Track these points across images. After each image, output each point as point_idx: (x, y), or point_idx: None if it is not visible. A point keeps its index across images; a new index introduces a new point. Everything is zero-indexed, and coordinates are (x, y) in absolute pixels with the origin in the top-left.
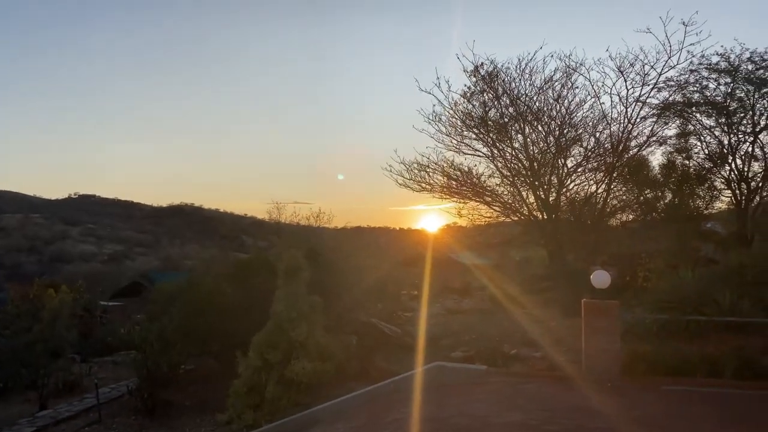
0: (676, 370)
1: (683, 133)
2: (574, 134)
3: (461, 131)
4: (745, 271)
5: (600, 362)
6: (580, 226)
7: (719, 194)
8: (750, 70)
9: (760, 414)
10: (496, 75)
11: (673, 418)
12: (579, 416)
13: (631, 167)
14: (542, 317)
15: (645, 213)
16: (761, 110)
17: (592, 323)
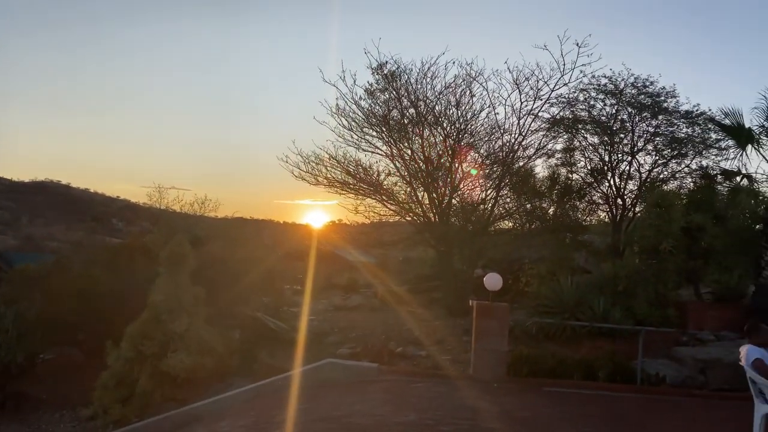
0: (555, 372)
1: (569, 148)
2: (470, 141)
3: (362, 128)
4: (617, 281)
5: (487, 363)
6: (468, 230)
7: (597, 208)
8: (633, 94)
9: (631, 414)
10: (398, 75)
11: (556, 419)
12: (471, 416)
13: (520, 177)
14: (427, 316)
15: (528, 221)
16: (640, 133)
17: (482, 324)
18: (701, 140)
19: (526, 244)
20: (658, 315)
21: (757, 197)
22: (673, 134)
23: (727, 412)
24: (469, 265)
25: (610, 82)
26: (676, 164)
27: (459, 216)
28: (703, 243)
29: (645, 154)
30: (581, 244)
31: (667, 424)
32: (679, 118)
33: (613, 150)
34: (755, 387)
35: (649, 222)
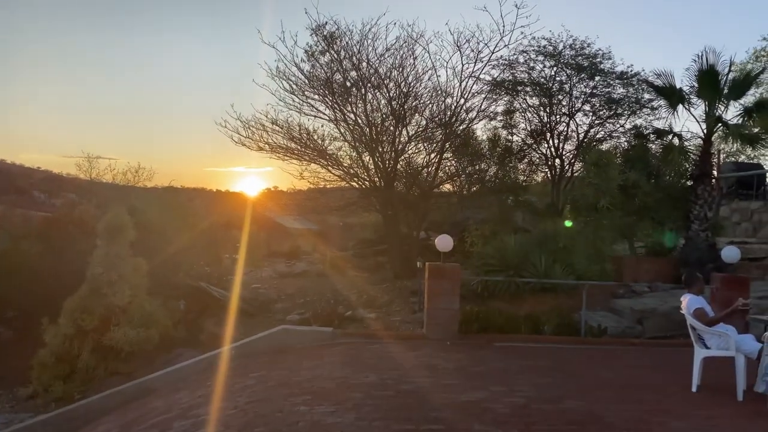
0: (504, 328)
1: (509, 110)
2: (414, 104)
3: (304, 91)
4: (557, 238)
5: (440, 322)
6: (414, 193)
7: (537, 169)
8: (571, 55)
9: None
10: (339, 37)
11: (510, 372)
12: (430, 373)
13: (462, 140)
14: (374, 280)
15: (471, 183)
16: (577, 94)
17: (434, 285)
18: (635, 100)
19: (469, 205)
20: (597, 270)
21: (686, 155)
22: (609, 95)
23: (663, 357)
24: (414, 228)
25: (549, 44)
26: (611, 124)
27: (404, 180)
28: (637, 200)
29: (582, 114)
30: (522, 204)
31: (610, 371)
32: (615, 79)
33: (552, 111)
34: (695, 333)
35: (588, 181)
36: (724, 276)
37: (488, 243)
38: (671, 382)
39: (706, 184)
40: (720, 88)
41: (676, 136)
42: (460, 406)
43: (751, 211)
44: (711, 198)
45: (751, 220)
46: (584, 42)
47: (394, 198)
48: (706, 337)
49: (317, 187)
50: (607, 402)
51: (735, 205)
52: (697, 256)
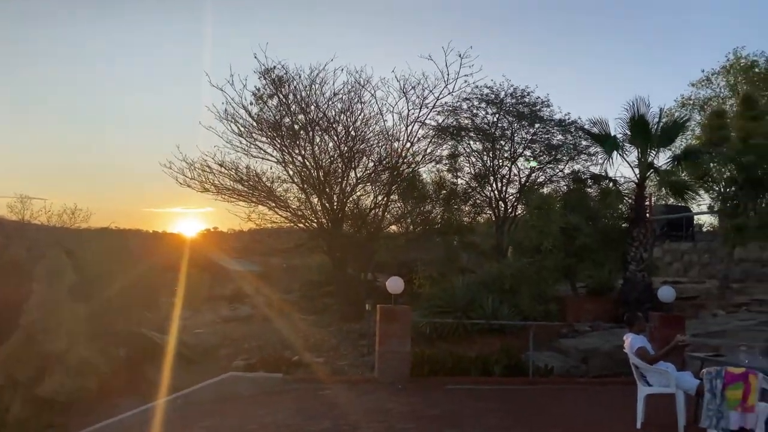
0: (454, 370)
1: (454, 154)
2: (362, 147)
3: (252, 133)
4: (503, 279)
5: (391, 365)
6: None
7: (481, 211)
8: (512, 103)
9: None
10: (287, 81)
11: (464, 415)
12: (385, 418)
13: (408, 182)
14: (321, 323)
15: (417, 225)
16: (519, 140)
17: (385, 327)
18: (573, 147)
19: (416, 247)
20: (542, 310)
21: (622, 199)
22: (549, 141)
23: (608, 395)
24: (361, 270)
25: (492, 92)
26: (551, 169)
27: (351, 221)
28: (578, 242)
29: (524, 159)
30: (467, 245)
31: (559, 411)
32: (554, 126)
33: (495, 156)
34: (638, 371)
35: (531, 223)
36: (661, 315)
37: (436, 284)
38: (617, 420)
39: (641, 227)
40: (651, 136)
41: (612, 181)
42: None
43: (681, 251)
44: (646, 240)
45: (681, 260)
46: (524, 91)
47: (342, 239)
48: (648, 374)
49: (263, 228)
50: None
51: (667, 246)
52: (635, 295)
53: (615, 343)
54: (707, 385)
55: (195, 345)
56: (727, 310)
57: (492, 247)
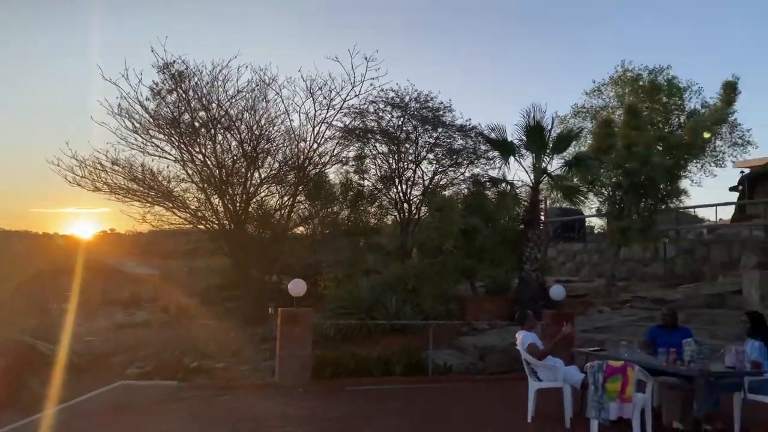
0: (356, 371)
1: (361, 156)
2: (266, 147)
3: (148, 130)
4: (407, 279)
5: (292, 369)
6: (265, 236)
7: (387, 212)
8: (416, 108)
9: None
10: (187, 76)
11: (361, 416)
12: (283, 423)
13: (315, 183)
14: (223, 327)
15: (323, 226)
16: (423, 143)
17: (286, 331)
18: (473, 151)
19: (322, 248)
20: (443, 309)
21: (519, 201)
22: (451, 145)
23: (503, 391)
24: (265, 272)
25: (397, 96)
26: (453, 172)
27: (255, 223)
28: (477, 243)
29: (428, 162)
30: (373, 246)
31: (457, 408)
32: (455, 131)
33: (400, 158)
34: (529, 367)
35: (433, 225)
36: (553, 312)
37: (341, 286)
38: (510, 415)
39: (535, 228)
40: (545, 143)
41: (509, 184)
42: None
43: (574, 252)
44: (540, 241)
45: (574, 260)
46: (428, 96)
47: (245, 241)
48: (538, 370)
49: (163, 229)
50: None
51: (560, 247)
52: (529, 294)
53: (511, 341)
54: (590, 378)
55: (86, 353)
56: (612, 307)
57: (397, 248)
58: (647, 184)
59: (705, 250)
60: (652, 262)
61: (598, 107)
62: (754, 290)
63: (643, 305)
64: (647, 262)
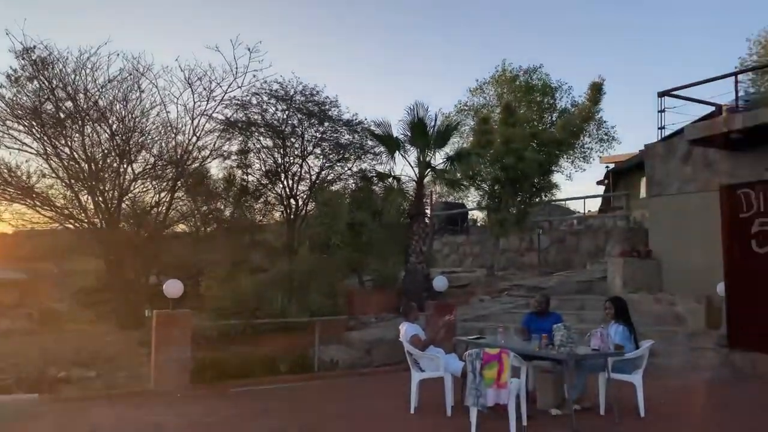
0: (240, 372)
1: (244, 150)
2: (140, 140)
3: (5, 121)
4: (293, 276)
5: (171, 374)
6: (141, 236)
7: (273, 208)
8: (301, 101)
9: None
10: (51, 63)
11: (243, 419)
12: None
13: (195, 178)
14: (96, 332)
15: (205, 224)
16: (309, 138)
17: (162, 334)
18: (360, 146)
19: (205, 247)
20: (330, 305)
21: (404, 196)
22: (337, 140)
23: (389, 384)
24: (142, 273)
25: (282, 89)
26: (340, 167)
27: (130, 221)
28: (365, 237)
29: (314, 157)
30: (258, 243)
31: (342, 404)
32: (342, 125)
33: (286, 153)
34: (411, 358)
35: (320, 220)
36: (436, 303)
37: (224, 285)
38: (394, 407)
39: (420, 222)
40: (428, 138)
41: (395, 179)
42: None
43: (457, 244)
44: (425, 234)
45: (457, 252)
46: (314, 89)
47: (119, 241)
48: (420, 361)
49: (26, 230)
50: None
51: (445, 240)
52: (415, 286)
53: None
54: (469, 366)
55: None
56: (492, 296)
57: (284, 245)
58: (522, 178)
59: (575, 239)
60: (528, 252)
61: (479, 105)
62: (617, 276)
63: (520, 293)
64: (523, 252)
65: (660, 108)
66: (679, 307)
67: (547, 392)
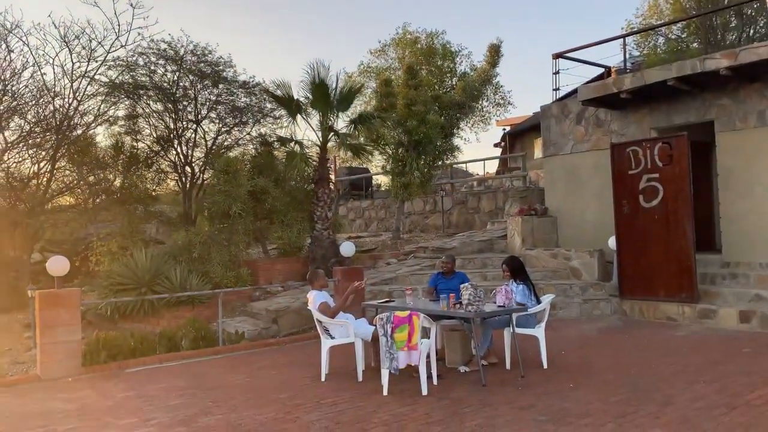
0: (137, 351)
1: (132, 115)
2: (13, 104)
3: None
4: (192, 248)
5: (59, 358)
6: (20, 210)
7: (166, 177)
8: (193, 61)
9: (211, 375)
10: None
11: (143, 400)
12: (45, 422)
13: (79, 146)
14: None
15: (93, 195)
16: (203, 101)
17: (47, 315)
18: (259, 109)
19: (93, 220)
20: (233, 275)
21: (307, 161)
22: (234, 103)
23: (297, 353)
24: (24, 250)
25: (170, 48)
26: (238, 132)
27: (6, 194)
28: (267, 204)
29: (209, 121)
30: (153, 214)
31: (248, 376)
32: (238, 87)
33: (178, 117)
34: (321, 326)
35: (219, 188)
36: (344, 269)
37: (116, 260)
38: (304, 376)
39: (325, 188)
40: (331, 101)
41: (298, 143)
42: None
43: (362, 209)
44: (330, 199)
45: (363, 216)
46: (206, 49)
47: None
48: (330, 328)
49: None
50: (245, 409)
51: (350, 205)
52: (321, 253)
53: (304, 300)
54: (380, 330)
55: None
56: (399, 259)
57: (180, 215)
58: (425, 141)
59: (476, 200)
60: (431, 214)
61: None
62: (516, 234)
63: (425, 255)
64: (427, 215)
65: (555, 70)
66: (574, 262)
67: (456, 350)
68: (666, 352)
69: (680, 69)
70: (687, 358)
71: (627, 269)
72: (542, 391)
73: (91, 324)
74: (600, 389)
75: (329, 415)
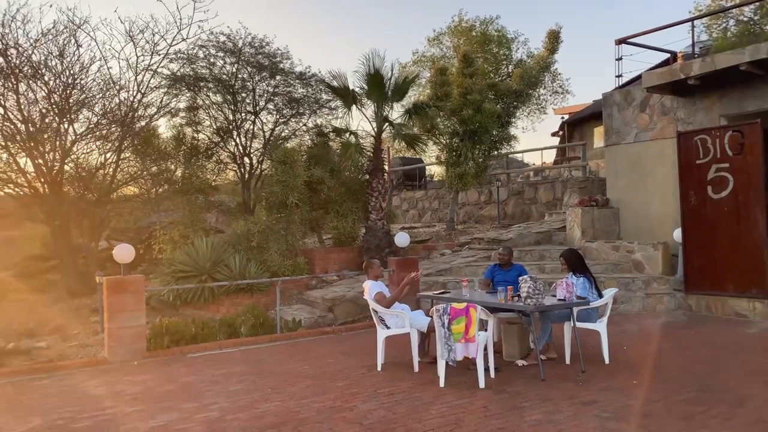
0: (198, 337)
1: (193, 106)
2: (81, 98)
3: None
4: (251, 237)
5: (125, 342)
6: (88, 199)
7: (226, 167)
8: (251, 53)
9: (271, 361)
10: None
11: (204, 384)
12: (112, 403)
13: (142, 138)
14: (44, 302)
15: (156, 185)
16: (260, 92)
17: (114, 301)
18: (315, 100)
19: (156, 209)
20: (290, 264)
21: (362, 151)
22: (291, 94)
23: (353, 341)
24: (91, 238)
25: (229, 41)
26: (295, 123)
27: (75, 184)
28: (323, 194)
29: (267, 113)
30: (213, 204)
31: (305, 364)
32: (295, 79)
33: (237, 109)
34: (377, 315)
35: (276, 178)
36: (398, 259)
37: (178, 248)
38: (360, 365)
39: (379, 178)
40: (385, 91)
41: (353, 134)
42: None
43: (416, 199)
44: (384, 190)
45: (416, 207)
46: (263, 41)
47: (63, 205)
48: (386, 318)
49: None
50: (302, 397)
51: (404, 195)
52: (376, 243)
53: (359, 290)
54: (437, 321)
55: None
56: (453, 250)
57: (239, 205)
58: (480, 130)
59: (533, 191)
60: (486, 205)
61: (437, 56)
62: (576, 226)
63: (480, 246)
64: (482, 206)
65: (617, 56)
66: (636, 255)
67: (513, 344)
68: (736, 350)
69: (754, 53)
70: (760, 357)
71: (693, 263)
72: (604, 387)
73: (154, 310)
74: (665, 387)
75: (386, 404)
